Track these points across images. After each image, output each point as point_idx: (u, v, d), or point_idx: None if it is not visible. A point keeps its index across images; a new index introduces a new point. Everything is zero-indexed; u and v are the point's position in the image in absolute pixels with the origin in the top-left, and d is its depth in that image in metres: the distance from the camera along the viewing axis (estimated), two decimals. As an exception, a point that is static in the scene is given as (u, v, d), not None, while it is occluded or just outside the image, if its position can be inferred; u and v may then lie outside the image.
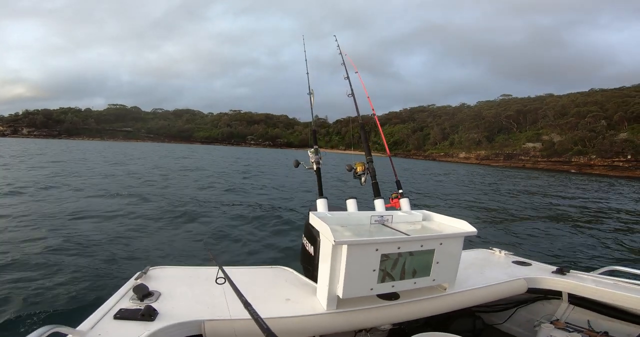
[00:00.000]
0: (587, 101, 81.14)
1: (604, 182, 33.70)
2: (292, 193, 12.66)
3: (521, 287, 1.79)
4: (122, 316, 1.17)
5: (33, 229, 5.89)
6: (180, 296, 1.39)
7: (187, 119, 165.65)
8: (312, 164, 2.04)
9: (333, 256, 1.28)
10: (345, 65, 2.53)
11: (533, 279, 1.85)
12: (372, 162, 2.05)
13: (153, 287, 1.42)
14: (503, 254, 2.22)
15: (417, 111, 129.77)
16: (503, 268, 1.95)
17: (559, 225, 8.58)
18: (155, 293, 1.38)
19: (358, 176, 2.01)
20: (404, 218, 1.64)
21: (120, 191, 10.52)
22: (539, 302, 1.99)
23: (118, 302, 1.30)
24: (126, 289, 1.41)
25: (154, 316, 1.18)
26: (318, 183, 2.00)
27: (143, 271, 1.58)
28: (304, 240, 1.86)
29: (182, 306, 1.31)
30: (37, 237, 5.41)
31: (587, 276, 1.90)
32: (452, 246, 1.44)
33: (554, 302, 1.95)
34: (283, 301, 1.40)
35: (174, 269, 1.70)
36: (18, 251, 4.66)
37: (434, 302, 1.48)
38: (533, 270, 1.96)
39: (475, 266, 1.95)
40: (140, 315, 1.16)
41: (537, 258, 2.22)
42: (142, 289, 1.34)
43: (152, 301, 1.32)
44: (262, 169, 24.32)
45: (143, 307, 1.20)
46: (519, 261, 2.09)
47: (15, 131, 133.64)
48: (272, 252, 5.34)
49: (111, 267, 4.26)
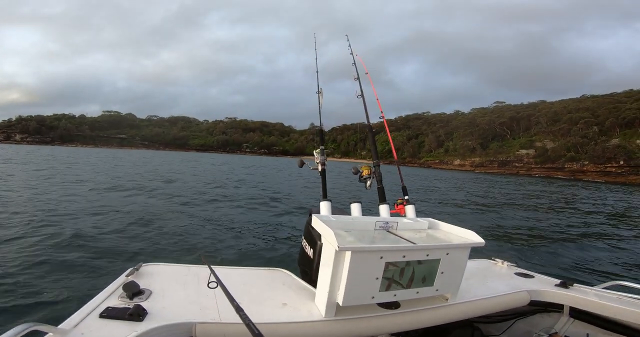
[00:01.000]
0: (579, 107, 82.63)
1: (602, 189, 34.03)
2: (293, 194, 12.64)
3: (523, 299, 1.74)
4: (109, 315, 1.10)
5: (20, 224, 5.70)
6: (172, 296, 1.31)
7: (182, 126, 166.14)
8: (317, 164, 1.96)
9: (335, 262, 1.22)
10: (355, 66, 2.47)
11: (535, 291, 1.80)
12: (379, 166, 1.99)
13: (144, 285, 1.34)
14: (505, 265, 2.17)
15: (412, 119, 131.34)
16: (505, 280, 1.91)
17: (562, 236, 8.46)
18: (146, 292, 1.30)
19: (364, 179, 1.95)
20: (410, 225, 1.58)
21: (120, 186, 10.41)
22: (539, 314, 1.96)
23: (106, 299, 1.22)
24: (115, 286, 1.33)
25: (142, 316, 1.12)
26: (322, 185, 1.90)
27: (135, 268, 1.49)
28: (303, 242, 1.77)
29: (174, 306, 1.23)
30: (23, 231, 5.29)
31: (591, 289, 1.86)
32: (458, 256, 1.39)
33: (553, 315, 1.92)
34: (280, 305, 1.34)
35: (167, 266, 1.61)
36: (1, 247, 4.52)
37: (435, 313, 1.43)
38: (536, 282, 1.91)
39: (477, 276, 1.90)
40: (129, 314, 1.10)
41: (539, 270, 2.18)
42: (132, 286, 1.26)
43: (142, 300, 1.24)
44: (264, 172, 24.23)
45: (132, 306, 1.15)
46: (522, 273, 2.04)
47: (8, 137, 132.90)
48: (270, 253, 5.26)
49: (102, 263, 4.10)
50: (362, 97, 2.37)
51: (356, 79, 2.42)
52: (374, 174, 1.96)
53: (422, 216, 1.74)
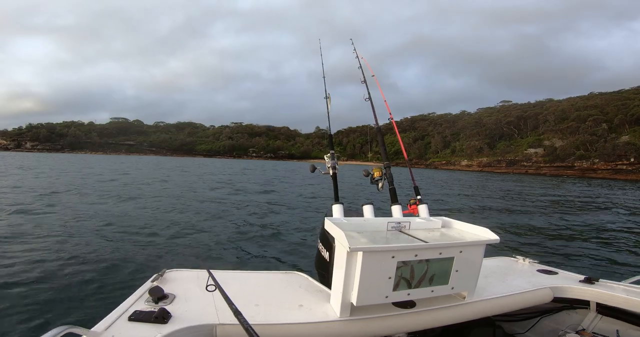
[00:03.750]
0: (587, 105, 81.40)
1: (615, 186, 33.47)
2: (308, 200, 12.67)
3: (546, 296, 1.72)
4: (137, 318, 1.18)
5: (58, 232, 5.98)
6: (195, 299, 1.38)
7: (189, 132, 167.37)
8: (329, 169, 2.01)
9: (348, 263, 1.25)
10: (362, 69, 2.51)
11: (559, 288, 1.77)
12: (390, 167, 2.02)
13: (168, 290, 1.42)
14: (527, 262, 2.14)
15: (418, 119, 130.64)
16: (527, 277, 1.88)
17: (585, 232, 8.34)
18: (170, 296, 1.38)
19: (375, 181, 1.98)
20: (422, 225, 1.59)
21: (147, 196, 10.56)
22: (565, 311, 1.92)
23: (134, 304, 1.30)
24: (142, 291, 1.41)
25: (167, 319, 1.18)
26: (334, 188, 1.96)
27: (159, 274, 1.58)
28: (319, 245, 1.82)
29: (196, 309, 1.30)
30: (59, 240, 5.51)
31: (618, 285, 1.82)
32: (473, 253, 1.40)
33: (580, 312, 1.88)
34: (296, 306, 1.38)
35: (189, 272, 1.68)
36: (38, 254, 4.77)
37: (452, 311, 1.43)
38: (559, 279, 1.88)
39: (497, 274, 1.88)
40: (154, 317, 1.17)
41: (563, 267, 2.12)
42: (157, 291, 1.35)
43: (167, 304, 1.32)
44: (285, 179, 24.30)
45: (157, 310, 1.21)
46: (545, 270, 2.01)
47: (18, 145, 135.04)
48: (287, 257, 5.31)
49: (129, 270, 4.33)
50: (369, 100, 2.40)
51: (363, 82, 2.45)
52: (385, 176, 1.99)
53: (436, 215, 1.74)
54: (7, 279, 3.82)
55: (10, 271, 4.09)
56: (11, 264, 4.30)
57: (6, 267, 4.21)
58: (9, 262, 4.36)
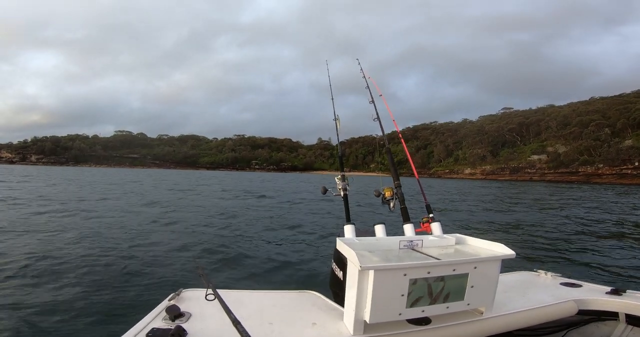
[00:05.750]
0: (589, 110, 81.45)
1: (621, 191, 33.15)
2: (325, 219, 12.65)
3: (570, 309, 1.67)
4: (154, 335, 1.21)
5: (72, 244, 5.98)
6: (210, 318, 1.41)
7: (192, 144, 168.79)
8: (340, 190, 2.05)
9: (360, 281, 1.26)
10: (369, 89, 2.52)
11: (584, 300, 1.73)
12: (401, 187, 2.04)
13: (184, 308, 1.46)
14: (550, 276, 2.09)
15: (420, 129, 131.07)
16: (549, 290, 1.84)
17: (607, 242, 8.07)
18: (187, 314, 1.41)
19: (386, 201, 1.98)
20: (436, 242, 1.60)
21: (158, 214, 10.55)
22: (593, 324, 1.86)
23: (151, 321, 1.34)
24: (159, 309, 1.45)
25: (183, 336, 1.22)
26: (345, 209, 1.99)
27: (176, 293, 1.62)
28: (333, 265, 1.83)
29: (211, 327, 1.33)
30: (77, 256, 5.47)
31: None
32: (488, 269, 1.39)
33: (609, 324, 1.82)
34: (309, 324, 1.39)
35: (204, 291, 1.72)
36: (54, 268, 4.76)
37: (469, 327, 1.41)
38: (584, 291, 1.83)
39: (517, 288, 1.84)
40: (170, 335, 1.20)
41: (588, 280, 2.06)
42: (174, 309, 1.39)
43: (183, 322, 1.35)
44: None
45: (173, 327, 1.24)
46: (568, 283, 1.96)
47: (23, 158, 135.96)
48: (300, 277, 5.30)
49: (147, 289, 4.33)
50: (378, 120, 2.42)
51: (371, 102, 2.45)
52: (396, 195, 2.00)
53: (449, 233, 1.75)
54: (19, 298, 3.76)
55: (22, 284, 4.04)
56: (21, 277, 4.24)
57: (18, 278, 4.19)
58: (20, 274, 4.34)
